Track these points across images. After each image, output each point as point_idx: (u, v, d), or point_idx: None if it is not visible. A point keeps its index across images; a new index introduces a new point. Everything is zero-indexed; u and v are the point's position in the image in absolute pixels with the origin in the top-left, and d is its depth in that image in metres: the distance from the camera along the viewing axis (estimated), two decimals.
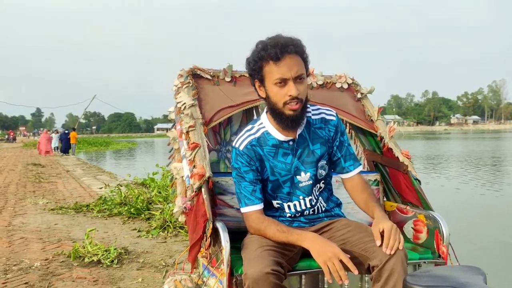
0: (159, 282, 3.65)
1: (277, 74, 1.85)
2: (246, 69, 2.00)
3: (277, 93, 1.88)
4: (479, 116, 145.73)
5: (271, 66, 1.86)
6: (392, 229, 1.80)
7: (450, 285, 1.43)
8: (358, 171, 2.10)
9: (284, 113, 1.90)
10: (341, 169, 2.09)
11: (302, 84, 1.88)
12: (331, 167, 2.12)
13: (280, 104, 1.89)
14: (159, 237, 5.23)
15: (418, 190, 2.46)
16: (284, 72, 1.85)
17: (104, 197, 7.59)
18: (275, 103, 1.90)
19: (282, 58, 1.84)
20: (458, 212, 7.69)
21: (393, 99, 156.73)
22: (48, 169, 15.09)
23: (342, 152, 2.07)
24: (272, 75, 1.87)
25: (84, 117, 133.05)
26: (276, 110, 1.91)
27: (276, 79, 1.86)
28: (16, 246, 4.83)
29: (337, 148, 2.07)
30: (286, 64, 1.84)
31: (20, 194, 8.93)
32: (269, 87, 1.90)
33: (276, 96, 1.89)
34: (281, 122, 1.93)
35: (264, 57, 1.86)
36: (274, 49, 1.83)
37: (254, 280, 1.67)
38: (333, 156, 2.08)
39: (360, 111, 2.79)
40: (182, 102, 2.45)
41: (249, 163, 1.98)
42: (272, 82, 1.87)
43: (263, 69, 1.89)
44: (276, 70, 1.85)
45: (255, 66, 1.91)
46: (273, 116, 1.96)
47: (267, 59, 1.86)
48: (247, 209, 1.98)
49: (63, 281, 3.68)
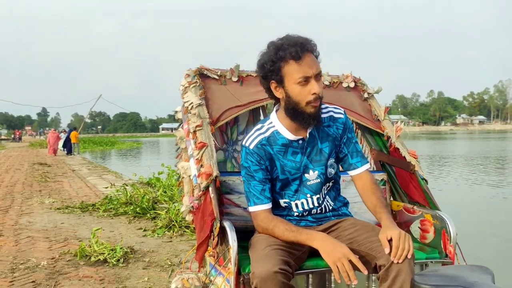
0: (165, 281, 3.66)
1: (300, 72, 1.85)
2: (258, 72, 1.98)
3: (300, 92, 1.87)
4: (485, 116, 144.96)
5: (291, 65, 1.86)
6: (401, 237, 1.76)
7: (459, 284, 1.43)
8: (365, 168, 2.09)
9: (305, 112, 1.90)
10: (348, 166, 2.09)
11: (320, 82, 1.90)
12: (340, 164, 2.12)
13: (303, 103, 1.89)
14: (164, 236, 5.25)
15: (425, 189, 2.45)
16: (306, 70, 1.85)
17: (109, 197, 7.63)
18: (297, 103, 1.89)
19: (302, 56, 1.84)
20: (465, 212, 7.67)
21: (399, 99, 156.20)
22: (54, 169, 15.16)
23: (349, 149, 2.07)
24: (294, 74, 1.86)
25: (90, 117, 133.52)
26: (298, 109, 1.90)
27: (299, 78, 1.86)
28: (23, 245, 4.86)
29: (344, 144, 2.07)
30: (307, 63, 1.85)
31: (26, 194, 8.98)
32: (290, 86, 1.89)
33: (299, 95, 1.88)
34: (302, 121, 1.93)
35: (283, 57, 1.86)
36: (294, 48, 1.84)
37: (262, 279, 1.68)
38: (340, 153, 2.08)
39: (367, 111, 2.79)
40: (190, 102, 2.46)
41: (259, 162, 1.98)
42: (294, 82, 1.87)
43: (282, 69, 1.88)
44: (298, 69, 1.85)
45: (273, 67, 1.89)
46: (292, 116, 1.94)
47: (287, 59, 1.86)
48: (256, 208, 1.98)
49: (69, 280, 3.69)
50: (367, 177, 2.08)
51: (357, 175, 2.09)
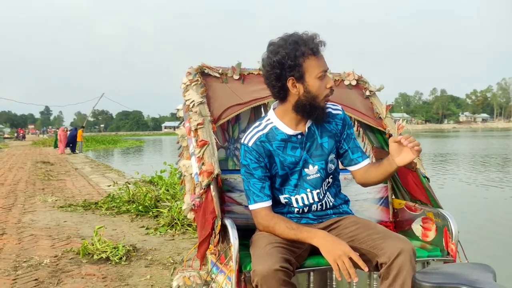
0: (167, 279, 3.67)
1: (320, 67, 1.92)
2: (271, 69, 1.93)
3: (319, 86, 1.92)
4: (488, 114, 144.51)
5: (312, 60, 1.90)
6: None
7: (460, 282, 1.43)
8: (367, 163, 2.09)
9: (320, 106, 1.95)
10: (349, 162, 2.09)
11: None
12: (340, 160, 2.13)
13: (321, 97, 1.94)
14: (167, 234, 5.25)
15: (427, 187, 2.44)
16: (324, 64, 1.94)
17: (112, 195, 7.64)
18: (316, 97, 1.93)
19: (320, 51, 1.93)
20: (467, 210, 7.66)
21: (401, 97, 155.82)
22: (57, 167, 15.19)
23: (349, 145, 2.09)
24: (315, 68, 1.90)
25: (92, 115, 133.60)
26: (315, 104, 1.93)
27: (320, 72, 1.91)
28: (26, 243, 4.87)
29: (344, 140, 2.08)
30: (322, 57, 1.94)
31: (29, 192, 9.00)
32: (311, 81, 1.91)
33: (319, 90, 1.92)
34: (316, 115, 1.96)
35: (305, 52, 1.88)
36: (313, 44, 1.89)
37: (263, 276, 1.68)
38: (341, 149, 2.09)
39: (368, 109, 2.78)
40: (191, 100, 2.46)
41: (258, 159, 1.98)
42: (315, 76, 1.91)
43: (303, 64, 1.89)
44: (318, 63, 1.91)
45: (294, 62, 1.88)
46: (305, 111, 1.94)
47: (308, 54, 1.89)
48: (256, 206, 1.98)
49: (72, 278, 3.71)
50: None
51: (358, 170, 2.09)
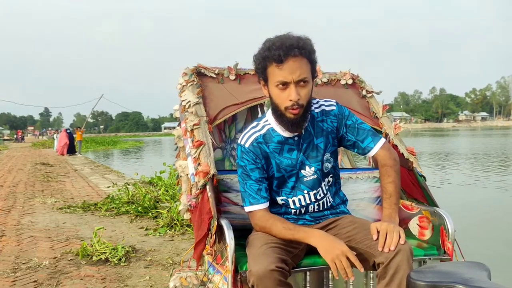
0: (167, 280, 3.66)
1: (278, 76, 1.83)
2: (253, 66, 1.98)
3: (278, 96, 1.86)
4: (488, 113, 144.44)
5: (273, 68, 1.84)
6: (388, 230, 1.78)
7: (454, 280, 1.42)
8: (380, 146, 2.03)
9: (285, 115, 1.88)
10: (363, 150, 2.05)
11: (304, 88, 1.85)
12: (355, 151, 2.10)
13: (281, 107, 1.87)
14: (166, 235, 5.26)
15: (423, 186, 2.45)
16: (286, 75, 1.81)
17: (111, 196, 7.64)
18: (277, 105, 1.89)
19: (285, 60, 1.80)
20: (465, 209, 7.66)
21: (401, 96, 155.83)
22: (56, 169, 15.18)
23: (355, 135, 2.03)
24: (274, 77, 1.85)
25: (92, 116, 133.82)
26: (278, 112, 1.90)
27: (277, 82, 1.84)
28: (25, 244, 4.88)
29: (346, 133, 2.03)
30: (288, 67, 1.80)
31: (28, 193, 9.00)
32: (271, 88, 1.89)
33: (278, 99, 1.87)
34: (282, 123, 1.93)
35: (268, 57, 1.84)
36: (278, 51, 1.80)
37: (259, 277, 1.68)
38: (348, 142, 2.05)
39: (365, 108, 2.78)
40: (187, 100, 2.46)
41: (255, 160, 1.98)
42: (274, 84, 1.86)
43: (267, 69, 1.87)
44: (278, 73, 1.83)
45: (260, 65, 1.89)
46: (275, 117, 1.95)
47: (271, 61, 1.83)
48: (252, 208, 1.98)
49: (71, 279, 3.71)
50: (383, 155, 2.03)
51: (374, 156, 2.06)
